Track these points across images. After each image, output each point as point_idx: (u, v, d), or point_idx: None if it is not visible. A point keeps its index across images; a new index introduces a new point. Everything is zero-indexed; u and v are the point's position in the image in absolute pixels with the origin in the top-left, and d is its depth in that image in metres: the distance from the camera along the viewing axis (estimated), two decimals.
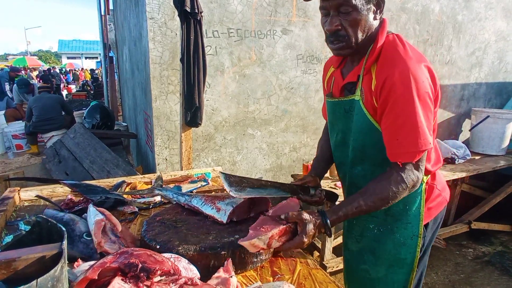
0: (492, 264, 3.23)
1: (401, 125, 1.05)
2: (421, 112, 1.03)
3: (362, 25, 1.09)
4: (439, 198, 1.30)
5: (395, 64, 1.06)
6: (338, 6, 1.07)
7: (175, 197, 1.34)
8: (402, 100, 1.03)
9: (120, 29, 5.89)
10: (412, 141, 1.04)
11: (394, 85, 1.04)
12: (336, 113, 1.29)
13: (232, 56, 2.72)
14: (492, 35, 3.95)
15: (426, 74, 1.05)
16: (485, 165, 3.26)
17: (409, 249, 1.25)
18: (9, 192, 1.50)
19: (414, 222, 1.23)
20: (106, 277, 0.79)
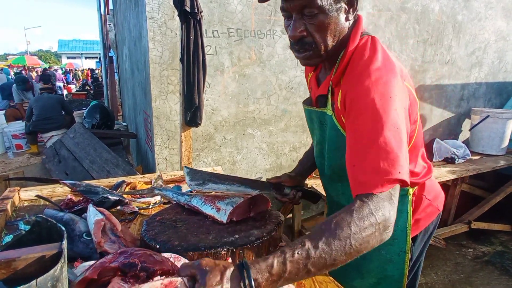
0: (492, 264, 3.23)
1: (363, 148, 0.83)
2: (389, 133, 0.81)
3: (332, 29, 0.92)
4: (429, 209, 1.19)
5: (359, 76, 0.89)
6: (301, 8, 0.90)
7: (175, 197, 1.34)
8: (364, 118, 0.84)
9: (120, 29, 5.89)
10: (378, 167, 0.80)
11: (355, 100, 0.87)
12: (314, 122, 1.18)
13: (232, 56, 2.72)
14: (492, 35, 3.95)
15: (397, 86, 0.87)
16: (485, 164, 3.26)
17: (396, 266, 1.16)
18: (9, 192, 1.50)
19: (401, 237, 1.13)
20: (106, 276, 0.79)
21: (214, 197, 1.27)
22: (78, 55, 33.39)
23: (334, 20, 0.92)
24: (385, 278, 1.18)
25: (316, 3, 0.88)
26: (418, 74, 3.59)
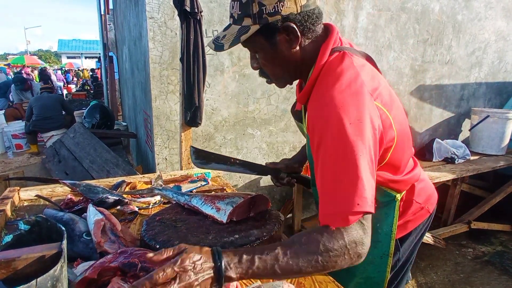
0: (491, 264, 3.23)
1: (327, 182, 0.82)
2: (350, 164, 0.79)
3: (275, 61, 0.96)
4: (420, 211, 1.18)
5: (321, 100, 0.87)
6: (248, 48, 0.99)
7: (175, 196, 1.34)
8: (326, 149, 0.82)
9: (120, 29, 5.89)
10: (345, 199, 0.79)
11: (316, 129, 0.85)
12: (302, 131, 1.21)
13: (232, 56, 2.72)
14: (492, 35, 3.95)
15: (362, 109, 0.82)
16: (485, 164, 3.26)
17: (377, 268, 1.16)
18: (8, 191, 1.50)
19: (385, 241, 1.13)
20: (105, 276, 0.79)
21: (214, 197, 1.27)
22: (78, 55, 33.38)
23: (274, 55, 0.94)
24: (366, 278, 1.19)
25: (249, 46, 0.95)
26: (418, 74, 3.60)
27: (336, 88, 0.84)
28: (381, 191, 1.06)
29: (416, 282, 2.95)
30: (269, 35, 0.90)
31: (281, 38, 0.91)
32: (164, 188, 1.44)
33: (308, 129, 0.91)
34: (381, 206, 1.09)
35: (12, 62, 19.64)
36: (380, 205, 1.08)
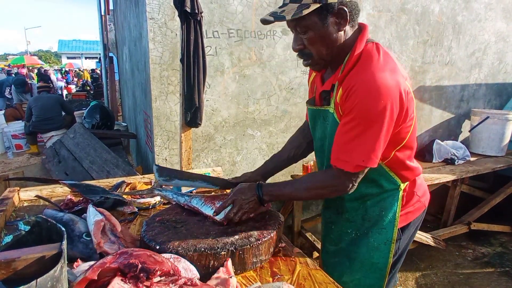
0: (491, 265, 3.23)
1: (353, 133, 1.03)
2: (378, 127, 1.00)
3: (323, 41, 1.06)
4: (418, 204, 1.31)
5: (363, 73, 1.02)
6: (295, 27, 1.08)
7: (175, 197, 1.34)
8: (361, 108, 1.00)
9: (120, 29, 5.89)
10: (358, 154, 1.03)
11: (356, 92, 1.01)
12: (316, 119, 1.29)
13: (232, 57, 2.72)
14: (492, 36, 3.95)
15: (397, 86, 1.00)
16: (485, 166, 3.26)
17: (382, 254, 1.26)
18: (8, 192, 1.50)
19: (389, 228, 1.24)
20: (105, 277, 0.79)
21: (213, 197, 1.27)
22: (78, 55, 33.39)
23: (323, 34, 1.05)
24: (370, 265, 1.28)
25: (303, 22, 1.04)
26: (418, 75, 3.60)
27: (378, 67, 1.01)
28: (389, 178, 1.21)
29: (416, 283, 2.95)
30: (323, 15, 1.02)
31: (332, 20, 1.04)
32: (164, 189, 1.44)
33: (345, 96, 1.05)
34: (386, 195, 1.24)
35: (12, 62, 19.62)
36: (385, 194, 1.24)
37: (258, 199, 1.17)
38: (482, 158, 3.52)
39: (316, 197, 1.20)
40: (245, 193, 1.17)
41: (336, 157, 1.09)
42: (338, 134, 1.09)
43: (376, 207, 1.25)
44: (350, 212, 1.30)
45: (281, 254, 1.15)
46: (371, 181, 1.21)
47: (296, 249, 1.18)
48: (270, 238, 1.09)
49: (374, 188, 1.23)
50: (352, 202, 1.28)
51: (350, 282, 1.30)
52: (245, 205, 1.15)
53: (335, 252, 1.37)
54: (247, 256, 1.03)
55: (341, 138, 1.07)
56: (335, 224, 1.37)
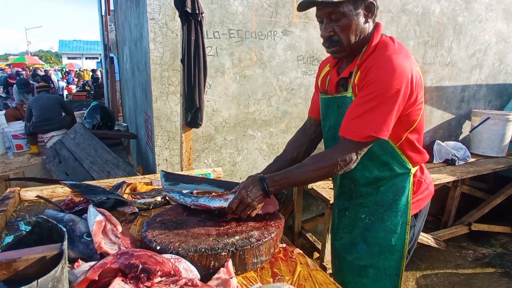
0: (492, 266, 3.23)
1: (366, 106, 1.11)
2: (391, 102, 1.09)
3: (353, 29, 1.17)
4: (426, 191, 1.40)
5: (381, 56, 1.13)
6: (329, 14, 1.16)
7: (182, 198, 1.32)
8: (377, 83, 1.09)
9: (121, 30, 5.90)
10: (370, 124, 1.10)
11: (374, 70, 1.11)
12: (329, 108, 1.36)
13: (232, 57, 2.72)
14: (493, 37, 3.95)
15: (410, 70, 1.10)
16: (485, 166, 3.26)
17: (399, 236, 1.33)
18: (9, 192, 1.50)
19: (403, 210, 1.31)
20: (106, 277, 0.79)
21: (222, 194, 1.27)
22: (78, 55, 33.41)
23: (355, 22, 1.17)
24: (388, 248, 1.34)
25: (340, 9, 1.13)
26: None
27: (394, 51, 1.13)
28: (400, 161, 1.28)
29: (416, 284, 2.94)
30: (357, 5, 1.15)
31: (362, 12, 1.17)
32: (172, 190, 1.42)
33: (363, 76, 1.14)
34: (398, 180, 1.30)
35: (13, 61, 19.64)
36: (397, 178, 1.30)
37: (263, 191, 1.17)
38: (482, 159, 3.51)
39: (323, 175, 1.19)
40: (249, 188, 1.16)
41: (347, 128, 1.15)
42: (351, 108, 1.16)
43: (389, 192, 1.31)
44: (364, 196, 1.36)
45: (281, 254, 1.15)
46: (384, 164, 1.28)
47: (297, 250, 1.18)
48: (271, 239, 1.09)
49: (387, 171, 1.30)
50: (366, 187, 1.35)
51: (370, 266, 1.36)
52: (253, 201, 1.15)
53: (351, 240, 1.41)
54: (247, 257, 1.03)
55: (354, 111, 1.14)
56: (349, 210, 1.43)
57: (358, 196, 1.38)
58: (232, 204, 1.15)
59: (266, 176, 1.20)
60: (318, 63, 3.05)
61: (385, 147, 1.25)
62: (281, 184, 1.19)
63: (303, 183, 1.24)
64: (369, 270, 1.37)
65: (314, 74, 3.06)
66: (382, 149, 1.25)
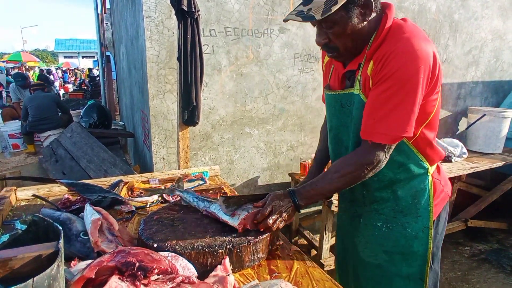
0: (488, 262, 3.25)
1: (391, 103, 1.02)
2: (415, 94, 1.00)
3: (348, 34, 1.07)
4: (442, 194, 1.30)
5: (398, 41, 1.03)
6: (319, 23, 1.08)
7: (195, 201, 1.29)
8: (400, 72, 1.00)
9: (117, 28, 5.87)
10: (396, 124, 1.03)
11: (394, 59, 1.00)
12: (331, 107, 1.27)
13: (229, 55, 2.72)
14: (489, 34, 3.96)
15: (432, 52, 1.02)
16: (482, 163, 3.27)
17: (421, 241, 1.24)
18: (5, 191, 1.49)
19: (424, 214, 1.22)
20: (103, 276, 0.79)
21: None
22: (75, 54, 33.21)
23: (349, 27, 1.06)
24: (411, 254, 1.26)
25: (330, 18, 1.03)
26: None
27: (412, 34, 1.02)
28: (417, 160, 1.19)
29: None
30: (350, 8, 1.03)
31: (357, 11, 1.05)
32: (186, 191, 1.40)
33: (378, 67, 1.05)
34: (416, 182, 1.21)
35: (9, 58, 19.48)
36: (415, 180, 1.21)
37: (294, 204, 1.12)
38: (479, 156, 3.53)
39: (352, 181, 1.11)
40: (282, 199, 1.12)
41: (371, 131, 1.06)
42: (372, 105, 1.06)
43: (408, 196, 1.21)
44: (379, 202, 1.26)
45: (278, 252, 1.15)
46: (400, 166, 1.19)
47: (294, 247, 1.18)
48: (268, 236, 1.10)
49: (403, 173, 1.20)
50: (381, 192, 1.24)
51: (394, 274, 1.28)
52: (284, 212, 1.10)
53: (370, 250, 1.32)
54: (244, 254, 1.03)
55: (378, 109, 1.04)
56: (362, 217, 1.33)
57: (372, 201, 1.27)
58: (264, 211, 1.08)
59: (295, 190, 1.15)
60: (314, 61, 3.05)
61: (398, 145, 1.13)
62: (309, 196, 1.13)
63: (331, 193, 1.16)
64: (393, 279, 1.29)
65: (311, 71, 3.06)
66: (395, 149, 1.12)
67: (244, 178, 3.05)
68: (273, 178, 3.17)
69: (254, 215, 1.10)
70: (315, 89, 3.12)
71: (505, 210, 3.87)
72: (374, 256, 1.31)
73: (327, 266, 2.63)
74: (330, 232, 2.70)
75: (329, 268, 2.63)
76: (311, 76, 3.07)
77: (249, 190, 3.07)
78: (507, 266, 3.17)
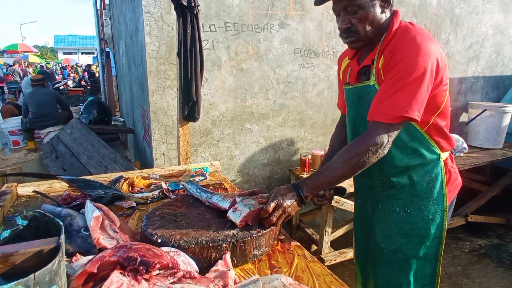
0: (488, 257, 3.26)
1: (395, 87, 1.10)
2: (419, 81, 1.08)
3: (370, 20, 1.18)
4: (456, 182, 1.39)
5: (404, 37, 1.14)
6: (345, 7, 1.19)
7: (198, 192, 1.34)
8: (404, 63, 1.09)
9: (116, 24, 5.85)
10: (400, 104, 1.09)
11: (399, 51, 1.11)
12: (349, 101, 1.36)
13: (229, 50, 2.71)
14: (490, 29, 3.94)
15: (435, 49, 1.11)
16: (482, 158, 3.27)
17: (437, 224, 1.32)
18: (6, 187, 1.50)
19: (439, 198, 1.31)
20: (105, 270, 0.79)
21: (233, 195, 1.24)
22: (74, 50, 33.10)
23: (371, 13, 1.18)
24: (428, 236, 1.33)
25: (355, 3, 1.16)
26: None
27: (417, 33, 1.14)
28: (429, 146, 1.27)
29: None
30: None
31: (377, 2, 1.19)
32: (190, 182, 1.45)
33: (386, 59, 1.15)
34: (430, 167, 1.29)
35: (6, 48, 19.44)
36: (429, 165, 1.29)
37: (299, 197, 1.13)
38: (479, 151, 3.53)
39: (356, 166, 1.12)
40: (285, 194, 1.12)
41: (376, 111, 1.13)
42: (379, 91, 1.15)
43: (423, 181, 1.30)
44: (396, 187, 1.33)
45: (279, 246, 1.15)
46: (413, 151, 1.27)
47: (295, 242, 1.19)
48: (271, 230, 1.10)
49: (417, 158, 1.28)
50: (398, 177, 1.32)
51: (412, 256, 1.35)
52: (288, 208, 1.11)
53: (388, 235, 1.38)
54: (248, 248, 1.03)
55: (383, 93, 1.13)
56: (381, 203, 1.40)
57: (390, 187, 1.34)
58: (268, 207, 1.08)
59: (299, 182, 1.17)
60: (314, 56, 3.04)
61: (412, 132, 1.23)
62: (314, 186, 1.15)
63: (338, 180, 1.16)
64: (411, 260, 1.35)
65: (311, 67, 3.05)
66: (409, 135, 1.23)
67: (244, 173, 3.05)
68: (273, 174, 3.17)
69: (257, 212, 1.11)
70: (315, 84, 3.11)
71: (505, 205, 3.87)
72: (392, 240, 1.37)
73: (328, 261, 2.64)
74: (331, 227, 2.70)
75: (330, 263, 2.64)
76: (311, 71, 3.06)
77: (249, 185, 3.07)
78: (507, 261, 3.18)
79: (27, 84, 7.05)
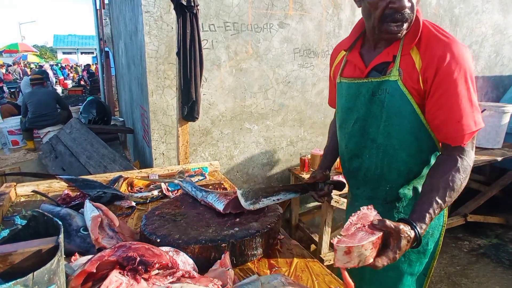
0: (487, 256, 3.26)
1: (460, 107, 1.04)
2: (473, 93, 1.06)
3: (415, 9, 1.10)
4: None
5: (445, 46, 1.07)
6: None
7: (194, 191, 1.33)
8: (459, 82, 1.04)
9: (116, 24, 5.84)
10: (471, 122, 1.05)
11: (449, 67, 1.04)
12: (360, 97, 1.20)
13: (228, 50, 2.70)
14: (489, 29, 3.95)
15: (471, 59, 1.09)
16: (481, 158, 3.27)
17: (434, 239, 1.28)
18: (5, 187, 1.49)
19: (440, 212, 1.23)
20: (104, 270, 0.79)
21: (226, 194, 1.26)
22: (74, 50, 33.04)
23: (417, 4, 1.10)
24: (425, 252, 1.28)
25: None
26: None
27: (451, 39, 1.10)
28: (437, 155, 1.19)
29: None
30: None
31: None
32: (185, 180, 1.44)
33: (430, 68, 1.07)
34: None
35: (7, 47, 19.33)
36: None
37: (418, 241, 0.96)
38: (478, 151, 3.53)
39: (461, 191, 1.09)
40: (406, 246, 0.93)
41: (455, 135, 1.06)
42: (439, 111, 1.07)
43: None
44: (401, 199, 1.24)
45: (278, 246, 1.15)
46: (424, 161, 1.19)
47: (294, 242, 1.19)
48: (270, 230, 1.10)
49: (426, 168, 1.20)
50: (404, 188, 1.23)
51: (407, 273, 1.28)
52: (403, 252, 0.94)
53: None
54: (247, 248, 1.03)
55: (449, 114, 1.06)
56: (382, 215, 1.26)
57: (394, 199, 1.25)
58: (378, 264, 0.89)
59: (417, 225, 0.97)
60: (314, 56, 3.04)
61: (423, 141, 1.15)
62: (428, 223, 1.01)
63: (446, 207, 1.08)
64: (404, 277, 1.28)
65: (311, 66, 3.05)
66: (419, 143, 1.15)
67: (243, 173, 3.05)
68: (272, 173, 3.17)
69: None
70: (314, 84, 3.11)
71: (504, 205, 3.88)
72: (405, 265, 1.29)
73: (327, 261, 2.64)
74: (330, 227, 2.70)
75: (329, 263, 2.64)
76: (311, 71, 3.06)
77: (248, 185, 3.07)
78: (506, 261, 3.19)
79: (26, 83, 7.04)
